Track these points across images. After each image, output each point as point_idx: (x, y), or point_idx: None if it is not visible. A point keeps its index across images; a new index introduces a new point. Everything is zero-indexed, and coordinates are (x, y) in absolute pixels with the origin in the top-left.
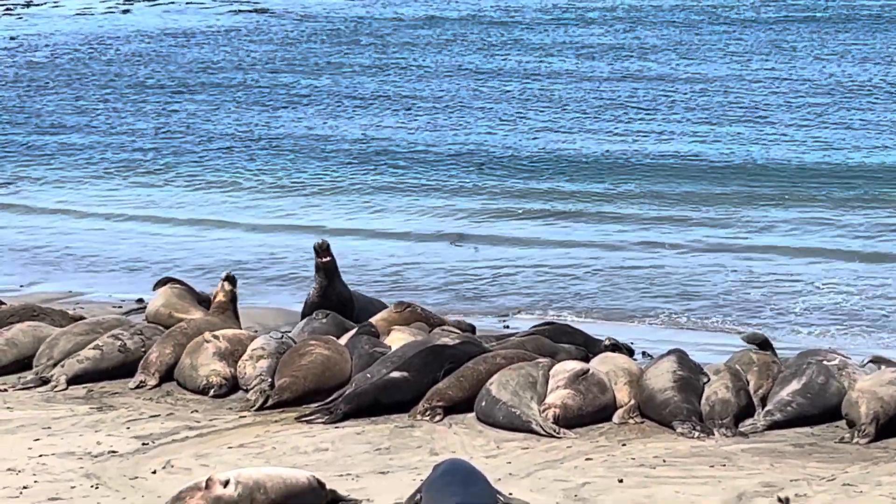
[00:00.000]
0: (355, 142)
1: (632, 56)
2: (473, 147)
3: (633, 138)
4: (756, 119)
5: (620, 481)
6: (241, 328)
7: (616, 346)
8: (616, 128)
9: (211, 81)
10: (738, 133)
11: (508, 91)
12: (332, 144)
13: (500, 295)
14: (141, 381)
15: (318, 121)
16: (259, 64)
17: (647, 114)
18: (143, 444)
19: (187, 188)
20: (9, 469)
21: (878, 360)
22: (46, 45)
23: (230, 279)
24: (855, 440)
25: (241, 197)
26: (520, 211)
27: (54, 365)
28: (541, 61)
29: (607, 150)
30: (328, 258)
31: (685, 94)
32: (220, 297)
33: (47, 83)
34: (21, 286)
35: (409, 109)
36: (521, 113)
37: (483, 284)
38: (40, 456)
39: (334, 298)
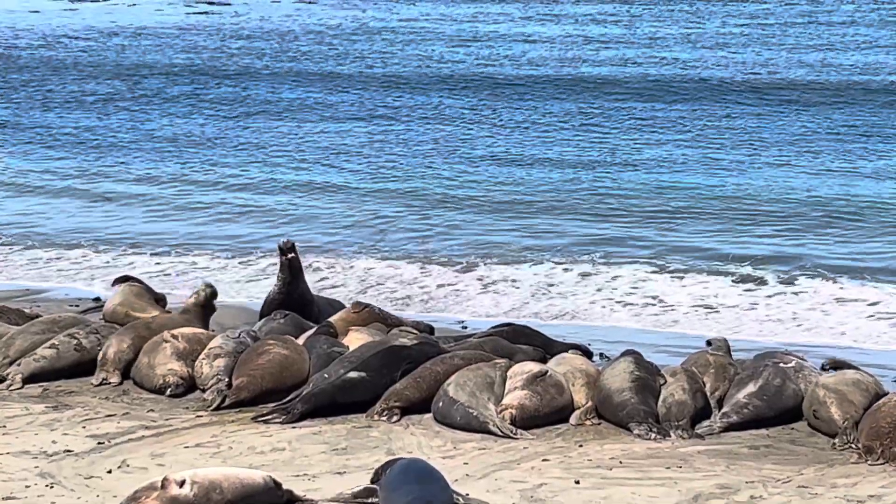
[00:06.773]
0: None
1: None
2: None
3: None
4: None
5: (577, 482)
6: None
7: (574, 347)
8: None
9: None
10: None
11: None
12: None
13: None
14: (103, 379)
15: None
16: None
17: None
18: (99, 443)
19: None
20: None
21: (836, 364)
22: None
23: (210, 292)
24: (836, 443)
25: None
26: None
27: (10, 363)
28: None
29: None
30: (293, 255)
31: None
32: (192, 301)
33: None
34: None
35: None
36: None
37: None
38: None
39: (296, 297)
